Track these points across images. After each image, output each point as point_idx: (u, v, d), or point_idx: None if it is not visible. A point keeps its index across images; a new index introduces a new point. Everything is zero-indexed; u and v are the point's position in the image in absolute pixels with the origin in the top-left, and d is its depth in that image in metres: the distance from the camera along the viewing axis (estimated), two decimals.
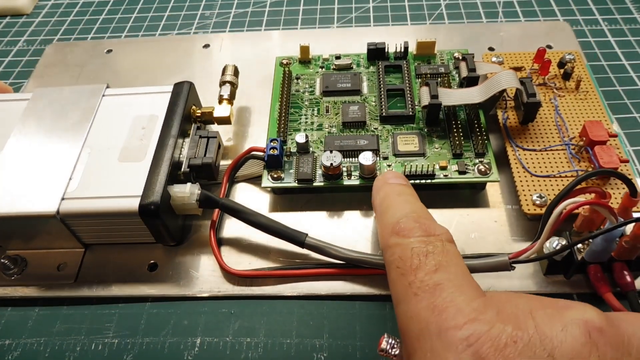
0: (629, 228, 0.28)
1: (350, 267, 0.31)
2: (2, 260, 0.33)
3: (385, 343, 0.23)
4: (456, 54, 0.40)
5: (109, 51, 0.47)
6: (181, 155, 0.33)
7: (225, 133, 0.39)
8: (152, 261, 0.33)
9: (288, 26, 0.52)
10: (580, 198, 0.26)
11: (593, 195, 0.27)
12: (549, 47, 0.43)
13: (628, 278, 0.28)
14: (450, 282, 0.20)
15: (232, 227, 0.34)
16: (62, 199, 0.30)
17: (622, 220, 0.26)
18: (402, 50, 0.40)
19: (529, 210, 0.31)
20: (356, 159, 0.34)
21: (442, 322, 0.18)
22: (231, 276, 0.32)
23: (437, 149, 0.34)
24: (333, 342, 0.29)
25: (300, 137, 0.34)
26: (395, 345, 0.23)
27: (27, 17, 0.58)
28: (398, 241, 0.23)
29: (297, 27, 0.52)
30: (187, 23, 0.54)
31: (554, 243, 0.29)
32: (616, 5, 0.51)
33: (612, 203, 0.26)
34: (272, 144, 0.34)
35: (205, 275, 0.32)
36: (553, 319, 0.18)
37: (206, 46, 0.47)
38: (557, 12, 0.51)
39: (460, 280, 0.20)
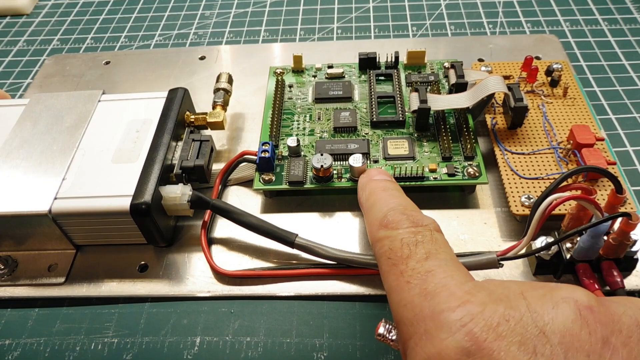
0: (616, 226, 0.28)
1: (341, 267, 0.31)
2: None
3: (382, 328, 0.23)
4: (446, 64, 0.41)
5: (107, 63, 0.48)
6: (174, 158, 0.34)
7: (219, 138, 0.40)
8: (142, 262, 0.33)
9: (288, 26, 0.54)
10: (566, 193, 0.26)
11: (579, 191, 0.28)
12: (538, 58, 0.44)
13: (617, 276, 0.28)
14: (441, 268, 0.20)
15: (224, 228, 0.34)
16: (55, 198, 0.31)
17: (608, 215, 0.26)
18: (393, 60, 0.41)
19: (517, 211, 0.31)
20: (347, 162, 0.34)
21: (435, 306, 0.19)
22: (222, 276, 0.32)
23: (426, 152, 0.35)
24: (333, 342, 0.29)
25: (291, 141, 0.35)
26: (393, 330, 0.23)
27: (27, 17, 0.60)
28: (387, 233, 0.23)
29: (297, 26, 0.53)
30: (187, 23, 0.56)
31: (542, 242, 0.29)
32: (616, 5, 0.52)
33: (598, 200, 0.26)
34: (263, 147, 0.34)
35: (195, 276, 0.32)
36: (544, 299, 0.19)
37: (202, 58, 0.48)
38: (557, 12, 0.52)
39: (450, 266, 0.21)
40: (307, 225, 0.34)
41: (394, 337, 0.23)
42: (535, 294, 0.19)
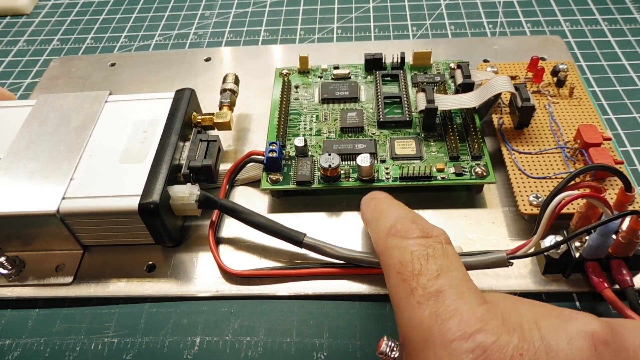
0: (625, 224, 0.28)
1: (349, 266, 0.31)
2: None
3: (384, 346, 0.22)
4: (452, 64, 0.41)
5: (113, 64, 0.48)
6: (181, 158, 0.34)
7: (225, 139, 0.40)
8: (150, 262, 0.33)
9: (288, 26, 0.54)
10: (576, 191, 0.26)
11: (588, 190, 0.28)
12: (542, 59, 0.44)
13: (626, 275, 0.28)
14: (453, 288, 0.20)
15: (231, 228, 0.34)
16: (63, 198, 0.31)
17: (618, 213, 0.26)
18: (399, 60, 0.41)
19: (525, 210, 0.31)
20: (354, 162, 0.34)
21: (447, 332, 0.18)
22: (230, 276, 0.32)
23: (434, 152, 0.35)
24: (333, 342, 0.29)
25: (299, 141, 0.35)
26: (395, 348, 0.22)
27: (27, 17, 0.60)
28: (396, 242, 0.23)
29: (297, 27, 0.54)
30: (187, 23, 0.56)
31: (551, 241, 0.29)
32: (616, 5, 0.53)
33: (606, 198, 0.27)
34: (271, 147, 0.34)
35: (203, 275, 0.32)
36: (559, 330, 0.18)
37: (208, 59, 0.48)
38: (557, 12, 0.52)
39: (462, 286, 0.20)
40: (314, 225, 0.34)
41: (396, 356, 0.22)
42: (549, 324, 0.18)
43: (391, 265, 0.22)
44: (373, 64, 0.41)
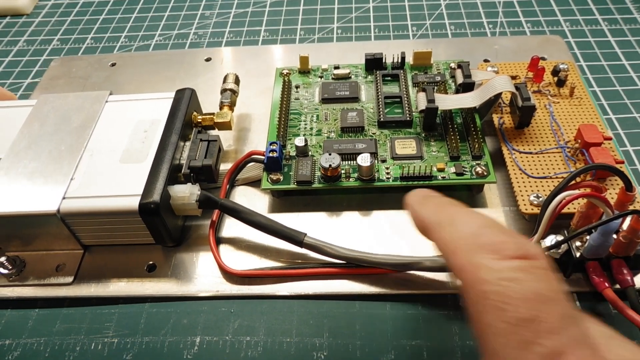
0: (626, 224, 0.28)
1: (349, 266, 0.31)
2: (0, 260, 0.32)
3: None
4: (452, 64, 0.41)
5: (113, 64, 0.48)
6: (182, 158, 0.34)
7: (226, 139, 0.40)
8: (150, 262, 0.33)
9: (288, 26, 0.54)
10: (577, 191, 0.26)
11: (589, 189, 0.28)
12: (543, 59, 0.44)
13: (627, 274, 0.28)
14: (577, 350, 0.16)
15: (232, 228, 0.34)
16: (64, 198, 0.31)
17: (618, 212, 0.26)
18: (399, 60, 0.41)
19: (526, 209, 0.31)
20: (354, 161, 0.34)
21: None
22: (230, 276, 0.32)
23: (434, 152, 0.35)
24: (333, 341, 0.29)
25: (299, 141, 0.35)
26: None
27: (27, 17, 0.60)
28: (487, 262, 0.18)
29: (297, 27, 0.54)
30: (187, 23, 0.56)
31: (552, 240, 0.29)
32: (616, 5, 0.53)
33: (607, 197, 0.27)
34: (271, 146, 0.34)
35: (204, 275, 0.32)
36: None
37: (208, 59, 0.48)
38: (557, 12, 0.52)
39: (585, 348, 0.16)
40: (314, 225, 0.34)
41: None
42: None
43: (485, 294, 0.17)
44: (373, 63, 0.41)
